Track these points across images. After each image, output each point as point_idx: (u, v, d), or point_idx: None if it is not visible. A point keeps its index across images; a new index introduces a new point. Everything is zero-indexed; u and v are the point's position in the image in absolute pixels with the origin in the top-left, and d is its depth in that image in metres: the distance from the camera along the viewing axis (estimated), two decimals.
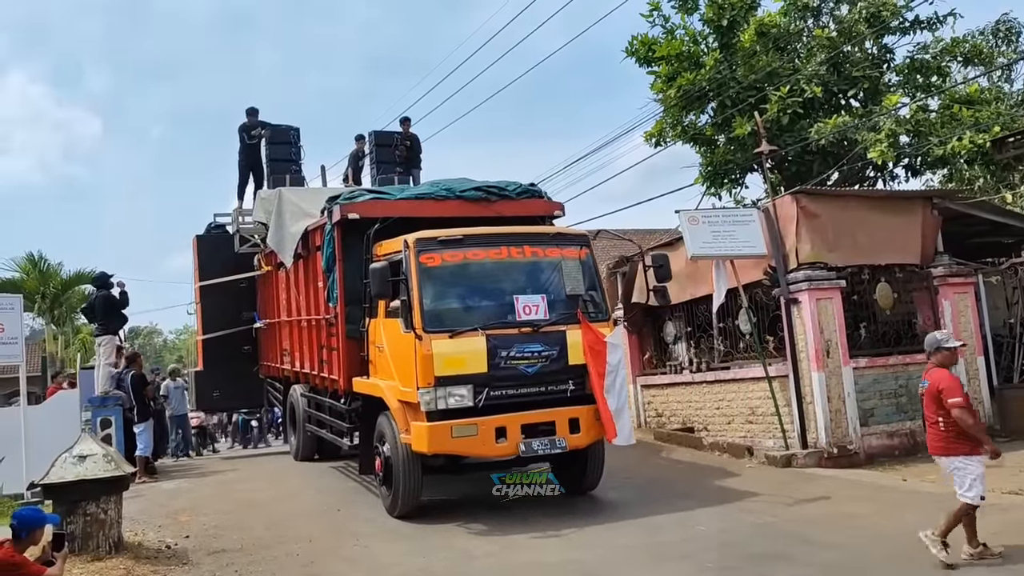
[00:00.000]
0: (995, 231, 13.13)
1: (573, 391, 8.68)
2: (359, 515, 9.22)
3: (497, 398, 8.35)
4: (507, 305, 8.67)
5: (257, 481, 12.47)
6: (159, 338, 73.39)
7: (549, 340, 8.56)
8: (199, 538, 8.50)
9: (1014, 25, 19.68)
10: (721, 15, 15.30)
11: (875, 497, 8.93)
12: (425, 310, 8.35)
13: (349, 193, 10.20)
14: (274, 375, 14.90)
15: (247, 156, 15.32)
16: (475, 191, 10.10)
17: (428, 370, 8.17)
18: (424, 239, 8.66)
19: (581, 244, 9.24)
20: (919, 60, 15.59)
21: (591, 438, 8.77)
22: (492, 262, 8.82)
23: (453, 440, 8.19)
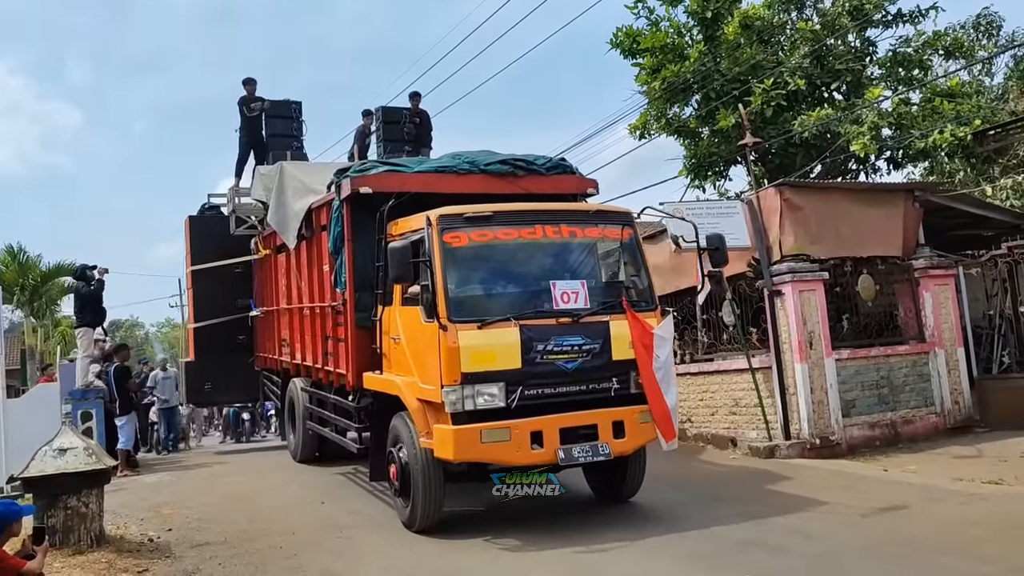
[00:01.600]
0: (975, 224, 13.14)
1: (617, 390, 7.63)
2: (343, 508, 9.12)
3: (532, 398, 7.30)
4: (543, 292, 7.61)
5: (241, 475, 12.50)
6: (140, 331, 72.54)
7: (591, 332, 7.51)
8: (182, 531, 8.42)
9: (995, 19, 19.83)
10: (705, 7, 15.34)
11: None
12: (450, 296, 7.28)
13: (360, 166, 9.11)
14: (271, 367, 13.81)
15: (247, 131, 14.21)
16: (500, 164, 9.03)
17: (454, 365, 7.11)
18: (449, 216, 7.59)
19: (624, 223, 8.18)
20: (901, 53, 15.63)
21: (637, 443, 7.72)
22: (525, 242, 7.75)
23: (482, 446, 7.13)
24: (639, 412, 7.64)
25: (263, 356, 14.24)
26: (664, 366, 7.79)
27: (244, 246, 14.54)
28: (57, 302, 26.50)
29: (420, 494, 7.60)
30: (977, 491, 8.15)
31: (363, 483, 10.45)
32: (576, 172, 9.60)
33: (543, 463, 7.44)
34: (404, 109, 14.61)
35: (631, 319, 7.70)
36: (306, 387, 11.49)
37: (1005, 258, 11.96)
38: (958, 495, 8.11)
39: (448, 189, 8.55)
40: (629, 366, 7.65)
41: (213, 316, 14.80)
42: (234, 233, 14.39)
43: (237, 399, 16.71)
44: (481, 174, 8.90)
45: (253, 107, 14.08)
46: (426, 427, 7.51)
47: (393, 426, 8.17)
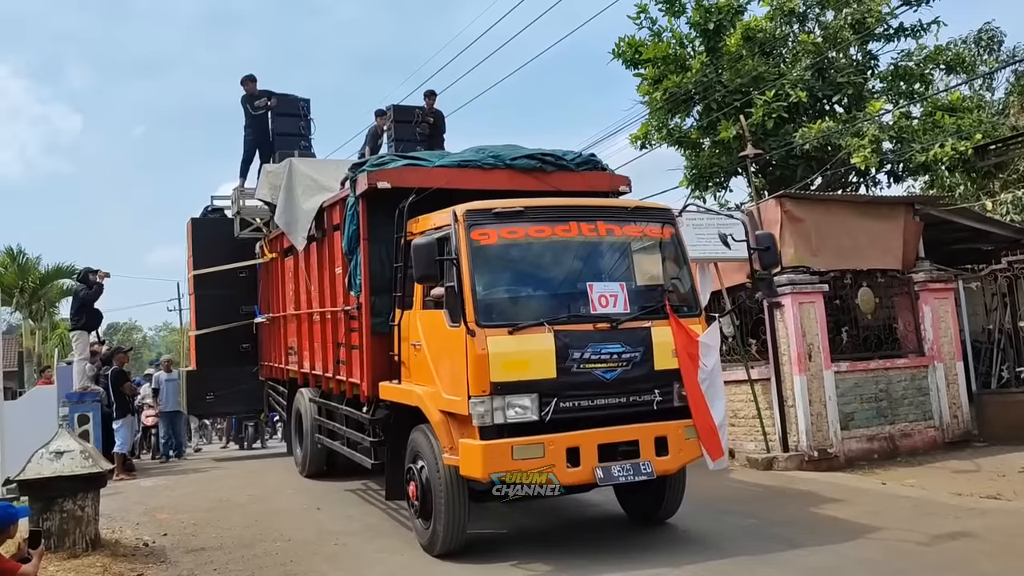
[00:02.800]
0: (975, 238, 13.18)
1: (660, 403, 6.98)
2: (340, 514, 9.06)
3: (568, 411, 6.65)
4: (578, 294, 6.97)
5: (237, 480, 12.48)
6: (138, 334, 72.26)
7: (631, 339, 6.86)
8: (177, 536, 8.41)
9: (996, 34, 20.03)
10: (708, 19, 15.38)
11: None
12: (478, 299, 6.63)
13: (377, 159, 8.48)
14: (277, 377, 13.13)
15: (253, 129, 13.57)
16: (527, 159, 8.42)
17: (482, 374, 6.46)
18: (477, 211, 6.95)
19: (665, 221, 7.54)
20: (903, 67, 15.73)
21: (681, 461, 7.06)
22: (560, 240, 7.10)
23: (514, 463, 6.46)
24: (684, 427, 7.00)
25: (268, 365, 13.57)
26: (710, 377, 7.16)
27: (249, 250, 13.96)
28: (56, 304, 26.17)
29: (443, 515, 6.93)
30: (976, 505, 8.09)
31: (366, 495, 10.00)
32: (607, 168, 8.97)
33: (580, 483, 6.79)
34: (417, 108, 13.97)
35: (675, 325, 7.06)
36: (315, 398, 10.82)
37: (1005, 273, 11.86)
38: (956, 509, 8.00)
39: (472, 185, 7.92)
40: (672, 377, 7.01)
41: (216, 323, 14.14)
42: (238, 236, 13.76)
43: (241, 410, 15.93)
44: (507, 169, 8.29)
45: (257, 104, 13.44)
46: (450, 442, 6.85)
47: (412, 440, 7.52)
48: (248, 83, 13.55)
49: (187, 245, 14.86)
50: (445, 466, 6.89)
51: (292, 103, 13.68)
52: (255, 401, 14.68)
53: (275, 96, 13.56)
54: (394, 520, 8.52)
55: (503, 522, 8.29)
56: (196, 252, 14.50)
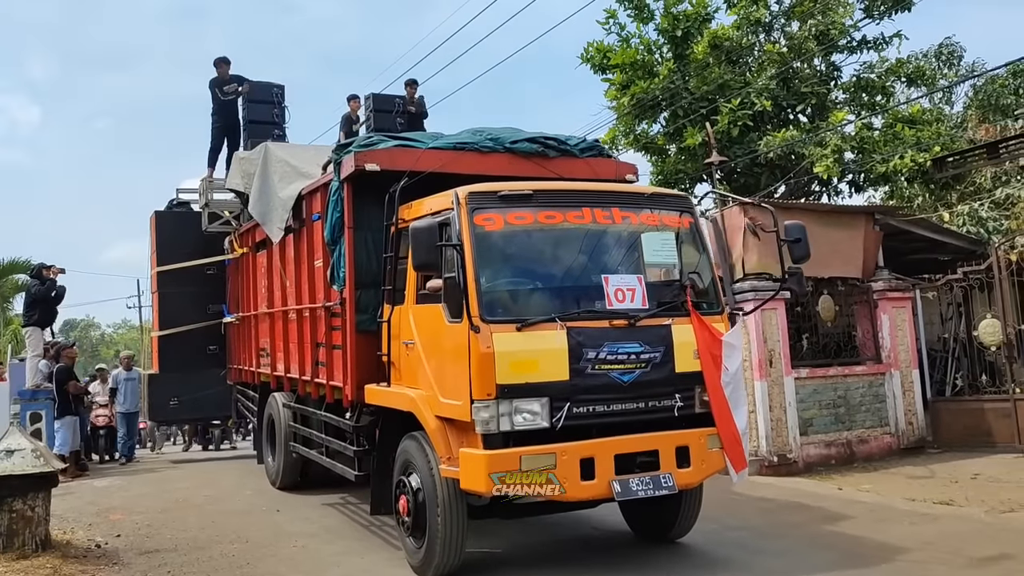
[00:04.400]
0: (932, 248, 13.40)
1: (681, 409, 6.30)
2: (298, 515, 8.93)
3: (581, 417, 5.96)
4: (592, 288, 6.28)
5: (193, 480, 12.35)
6: (96, 331, 70.51)
7: (650, 338, 6.18)
8: (131, 537, 8.26)
9: (956, 49, 20.69)
10: (676, 26, 15.54)
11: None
12: (483, 291, 5.91)
13: (365, 140, 7.71)
14: (247, 381, 12.25)
15: (220, 116, 12.71)
16: (529, 143, 7.73)
17: (487, 375, 5.74)
18: (480, 194, 6.24)
19: (684, 209, 6.88)
20: (865, 79, 16.03)
21: (704, 473, 6.38)
22: (571, 228, 6.41)
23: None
24: (707, 436, 6.33)
25: (237, 368, 12.69)
26: (734, 380, 6.50)
27: (217, 245, 13.06)
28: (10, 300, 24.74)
29: (439, 533, 6.18)
30: (928, 511, 8.19)
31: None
32: (611, 156, 8.31)
33: (595, 498, 6.10)
34: (398, 97, 13.23)
35: (697, 323, 6.39)
36: (289, 403, 10.00)
37: (960, 283, 12.02)
38: (910, 515, 8.07)
39: (468, 170, 7.20)
40: (694, 380, 6.34)
41: (181, 323, 13.23)
42: (206, 231, 12.89)
43: (207, 417, 14.99)
44: (507, 153, 7.60)
45: (227, 90, 12.60)
46: (448, 451, 6.12)
47: (403, 449, 6.76)
48: (221, 66, 12.72)
49: (150, 240, 13.93)
50: (442, 478, 6.17)
51: (265, 89, 12.89)
52: (222, 407, 13.78)
53: (247, 82, 12.72)
54: (354, 522, 8.49)
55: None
56: (160, 248, 13.59)
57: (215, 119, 12.75)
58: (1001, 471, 9.89)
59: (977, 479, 9.62)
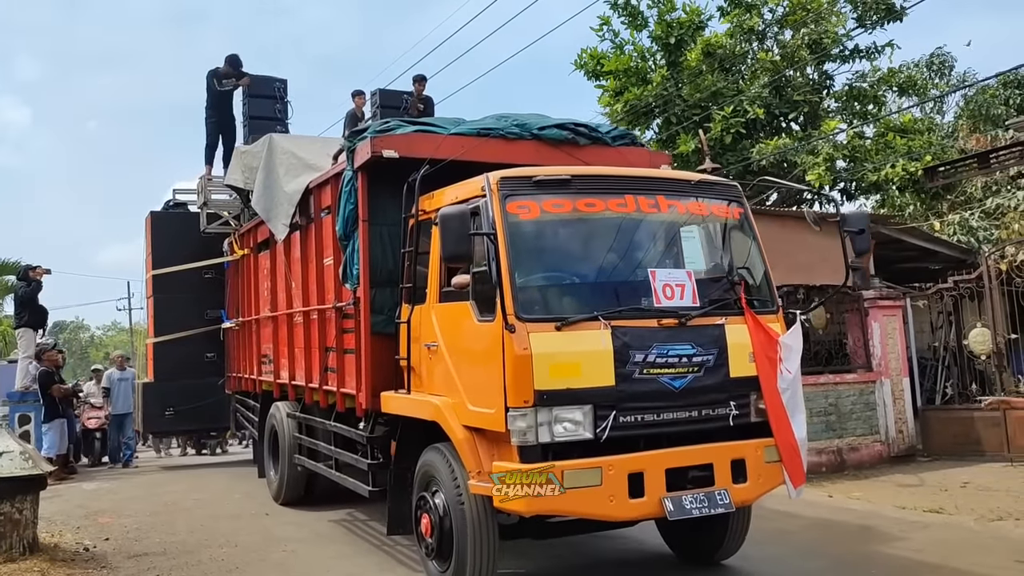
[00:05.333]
0: (923, 257, 13.52)
1: (736, 417, 5.68)
2: (287, 520, 8.90)
3: (628, 427, 5.34)
4: (638, 283, 5.68)
5: (183, 484, 12.25)
6: (85, 333, 70.04)
7: (703, 339, 5.58)
8: (119, 540, 8.19)
9: (947, 59, 20.89)
10: (669, 33, 15.61)
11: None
12: (518, 286, 5.28)
13: (381, 125, 7.10)
14: (246, 390, 11.59)
15: (216, 110, 12.09)
16: (558, 129, 7.14)
17: (524, 380, 5.11)
18: (513, 179, 5.64)
19: (733, 198, 6.28)
20: (857, 88, 16.30)
21: (761, 489, 5.76)
22: (614, 217, 5.80)
23: (565, 492, 5.10)
24: (764, 447, 5.71)
25: (236, 377, 12.04)
26: (792, 386, 5.88)
27: (216, 247, 12.45)
28: None
29: (468, 557, 5.55)
30: (919, 519, 8.16)
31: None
32: (644, 146, 7.73)
33: (644, 517, 5.46)
34: (406, 93, 12.62)
35: (752, 323, 5.78)
36: (293, 413, 9.34)
37: (951, 292, 11.98)
38: (900, 523, 8.04)
39: (492, 158, 6.57)
40: (750, 385, 5.74)
41: (177, 329, 12.67)
42: (204, 232, 12.28)
43: (204, 428, 14.29)
44: (534, 141, 7.00)
45: (225, 82, 11.96)
46: (478, 465, 5.49)
47: (425, 463, 6.13)
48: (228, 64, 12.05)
49: (145, 242, 13.33)
50: (471, 495, 5.53)
51: (267, 84, 12.28)
52: (220, 417, 13.11)
53: (247, 75, 12.10)
54: (343, 527, 8.40)
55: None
56: (156, 250, 13.00)
57: (209, 113, 12.15)
58: (990, 479, 9.85)
59: (967, 487, 9.55)
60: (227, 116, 12.08)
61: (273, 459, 10.00)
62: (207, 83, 12.07)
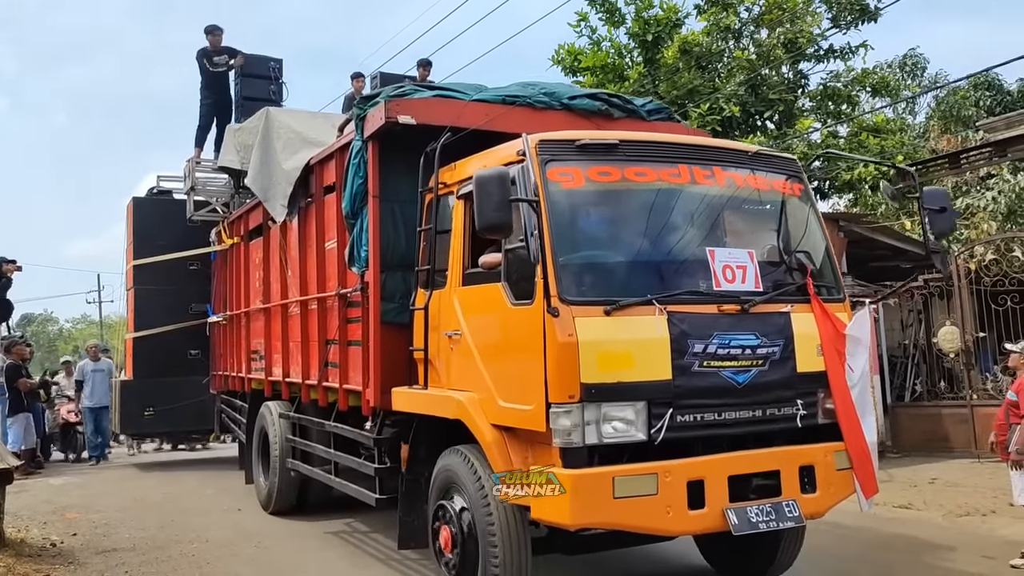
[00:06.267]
0: (895, 256, 13.64)
1: (803, 418, 5.00)
2: (259, 515, 8.80)
3: (686, 427, 4.65)
4: (694, 263, 4.99)
5: (153, 478, 12.19)
6: (54, 326, 68.78)
7: (768, 328, 4.91)
8: (88, 536, 8.11)
9: (919, 60, 21.65)
10: (647, 30, 15.51)
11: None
12: (562, 264, 4.57)
13: (395, 90, 6.38)
14: (233, 389, 10.80)
15: (210, 91, 11.34)
16: (591, 99, 6.49)
17: (569, 372, 4.41)
18: (554, 143, 4.95)
19: (791, 172, 5.61)
20: (832, 87, 16.19)
21: (832, 500, 5.09)
22: (667, 188, 5.10)
23: (615, 503, 4.40)
24: (833, 452, 5.03)
25: (222, 375, 11.24)
26: (860, 383, 5.22)
27: (202, 237, 11.68)
28: None
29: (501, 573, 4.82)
30: (890, 515, 8.16)
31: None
32: (680, 122, 7.07)
33: (704, 531, 4.75)
34: (409, 78, 11.88)
35: (819, 312, 5.11)
36: (287, 413, 8.56)
37: (921, 290, 12.10)
38: (871, 518, 7.69)
39: (517, 128, 5.76)
40: (817, 382, 5.07)
41: (159, 324, 11.87)
42: (191, 220, 11.49)
43: (186, 430, 13.42)
44: (563, 111, 6.35)
45: (217, 61, 11.22)
46: (509, 470, 4.76)
47: (444, 467, 5.40)
48: (212, 35, 11.32)
49: (126, 231, 12.52)
50: (501, 505, 4.81)
51: (261, 63, 11.53)
52: (204, 418, 12.27)
53: (241, 54, 11.35)
54: (313, 523, 8.25)
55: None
56: (137, 239, 12.21)
57: (204, 94, 11.39)
58: (958, 476, 9.97)
59: (935, 483, 9.63)
60: (224, 97, 11.33)
61: (263, 464, 9.21)
62: (198, 64, 11.34)
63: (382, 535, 7.50)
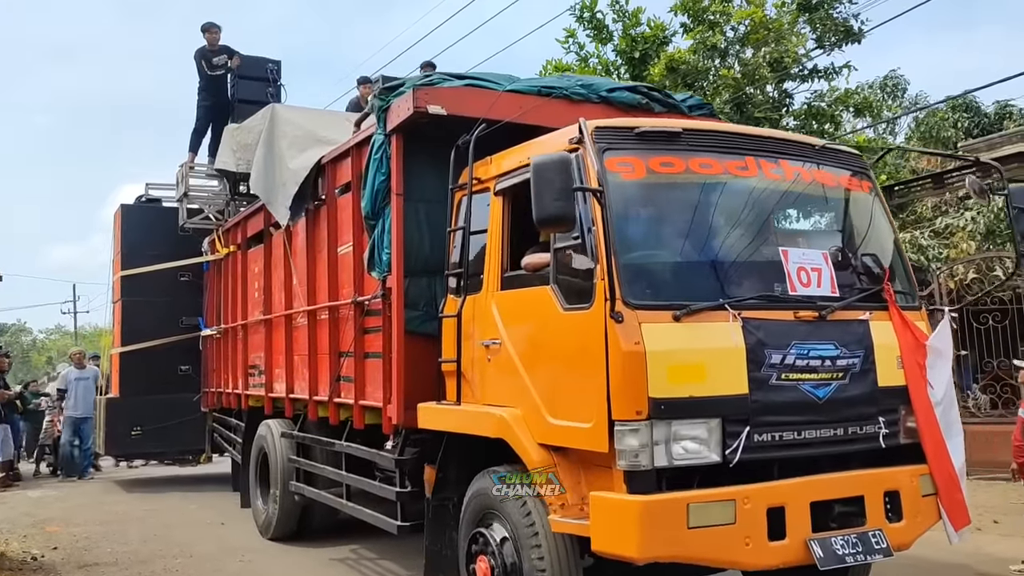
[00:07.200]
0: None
1: (887, 437, 4.50)
2: (244, 529, 8.64)
3: (763, 447, 4.13)
4: (766, 265, 4.50)
5: (135, 492, 12.06)
6: (28, 337, 67.61)
7: (847, 337, 4.42)
8: (69, 550, 7.98)
9: (900, 81, 21.85)
10: (634, 47, 15.47)
11: None
12: (624, 264, 4.06)
13: (421, 79, 5.88)
14: (228, 406, 10.18)
15: (209, 93, 10.79)
16: (630, 93, 6.02)
17: (636, 384, 3.90)
18: (612, 129, 4.46)
19: (859, 169, 5.14)
20: (815, 107, 16.05)
21: (918, 529, 4.58)
22: (735, 182, 4.62)
23: (689, 534, 3.87)
24: (918, 476, 4.53)
25: (215, 392, 10.62)
26: (945, 401, 4.73)
27: (194, 247, 11.09)
28: None
29: None
30: None
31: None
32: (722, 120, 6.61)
33: (784, 565, 4.20)
34: None
35: (898, 321, 4.62)
36: (290, 432, 7.97)
37: None
38: None
39: (552, 122, 5.30)
40: (898, 398, 4.57)
41: (148, 338, 11.23)
42: (183, 228, 10.91)
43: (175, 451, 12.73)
44: (601, 104, 5.87)
45: (216, 62, 10.68)
46: (560, 496, 4.23)
47: (479, 492, 4.87)
48: (210, 32, 10.77)
49: (114, 239, 11.91)
50: (551, 534, 4.28)
51: (259, 65, 10.97)
52: (195, 438, 11.61)
53: (238, 55, 10.82)
54: (311, 549, 7.81)
55: None
56: (126, 248, 11.60)
57: (202, 96, 10.84)
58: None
59: None
60: (221, 100, 10.77)
61: (262, 487, 8.60)
62: (196, 65, 10.79)
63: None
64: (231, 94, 10.81)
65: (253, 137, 8.30)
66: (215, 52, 10.74)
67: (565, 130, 4.55)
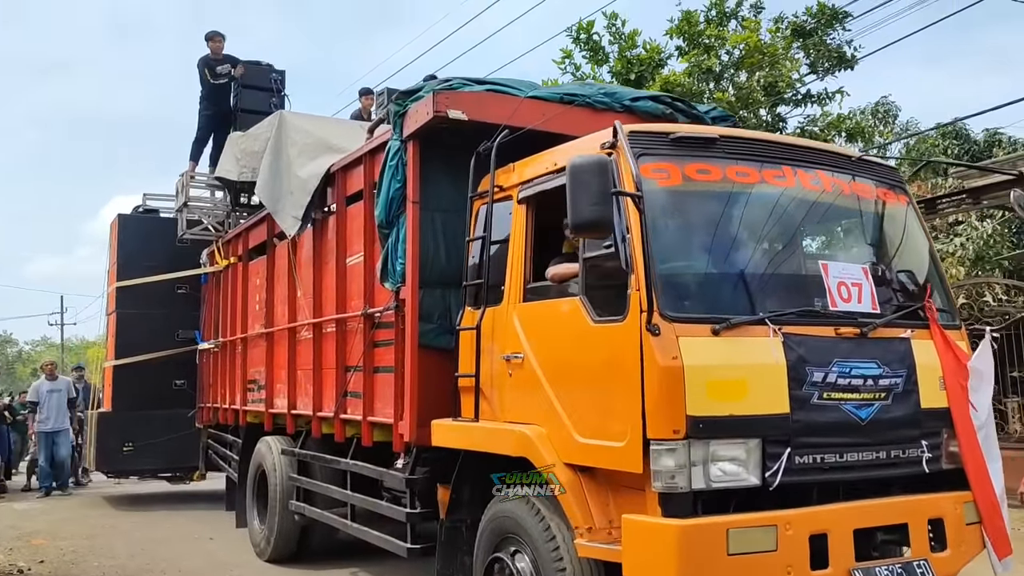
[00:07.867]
0: None
1: (930, 461, 4.28)
2: (233, 544, 8.56)
3: (804, 470, 3.91)
4: (806, 279, 4.31)
5: (122, 505, 11.96)
6: (13, 348, 67.40)
7: (889, 356, 4.22)
8: (55, 564, 7.92)
9: (891, 107, 21.96)
10: (629, 69, 15.42)
11: None
12: (660, 274, 3.85)
13: (440, 83, 5.68)
14: (225, 422, 9.89)
15: (211, 102, 10.57)
16: (654, 103, 5.85)
17: (674, 401, 3.68)
18: (646, 134, 4.27)
19: (895, 183, 4.97)
20: (809, 131, 15.95)
21: (963, 559, 4.37)
22: (772, 192, 4.44)
23: (729, 561, 3.65)
24: (962, 503, 4.32)
25: (211, 407, 10.33)
26: (986, 424, 4.52)
27: (192, 258, 10.84)
28: None
29: None
30: None
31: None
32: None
33: None
34: None
35: (940, 340, 4.43)
36: (290, 449, 7.70)
37: None
38: None
39: (573, 130, 5.14)
40: (941, 420, 4.36)
41: (143, 351, 10.96)
42: (182, 239, 10.65)
43: (168, 468, 12.39)
44: (624, 113, 5.65)
45: (219, 71, 10.49)
46: (588, 519, 4.02)
47: (500, 514, 4.63)
48: (214, 40, 10.57)
49: (109, 250, 11.66)
50: (578, 559, 4.05)
51: (263, 74, 10.74)
52: (188, 455, 11.30)
53: (241, 63, 10.63)
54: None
55: None
56: (122, 259, 11.34)
57: (204, 105, 10.61)
58: None
59: None
60: (225, 109, 10.53)
61: (259, 506, 8.30)
62: (199, 73, 10.58)
63: None
64: (234, 103, 10.60)
65: (259, 144, 8.10)
66: (219, 61, 10.55)
67: (596, 135, 4.36)
